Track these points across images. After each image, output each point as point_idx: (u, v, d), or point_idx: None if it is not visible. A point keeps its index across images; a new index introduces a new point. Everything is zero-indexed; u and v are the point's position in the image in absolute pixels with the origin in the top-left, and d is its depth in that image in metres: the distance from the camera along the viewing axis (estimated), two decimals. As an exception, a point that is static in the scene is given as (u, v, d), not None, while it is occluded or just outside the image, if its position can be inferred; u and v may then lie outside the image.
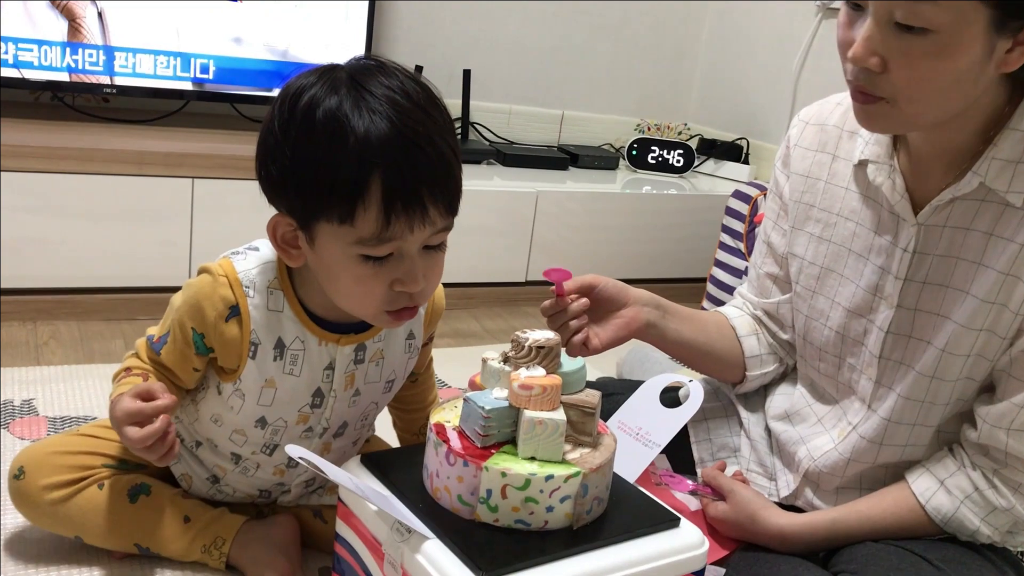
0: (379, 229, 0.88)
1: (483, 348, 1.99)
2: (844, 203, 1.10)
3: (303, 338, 1.01)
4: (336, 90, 0.89)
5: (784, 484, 1.18)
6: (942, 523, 1.01)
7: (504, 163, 2.53)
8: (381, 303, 0.94)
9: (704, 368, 1.24)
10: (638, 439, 1.06)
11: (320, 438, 1.10)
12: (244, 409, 1.04)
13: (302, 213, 0.92)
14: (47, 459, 1.08)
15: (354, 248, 0.90)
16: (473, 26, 2.64)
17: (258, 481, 1.14)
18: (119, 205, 1.86)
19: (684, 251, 2.52)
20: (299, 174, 0.90)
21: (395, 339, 1.08)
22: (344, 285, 0.94)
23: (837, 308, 1.11)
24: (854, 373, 1.10)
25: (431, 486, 0.88)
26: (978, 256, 0.97)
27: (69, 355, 1.72)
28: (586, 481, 0.84)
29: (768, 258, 1.23)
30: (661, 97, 3.00)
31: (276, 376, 1.02)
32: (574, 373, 0.90)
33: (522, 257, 2.34)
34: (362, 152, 0.86)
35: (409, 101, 0.89)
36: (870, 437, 1.07)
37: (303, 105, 0.89)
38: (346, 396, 1.06)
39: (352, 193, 0.87)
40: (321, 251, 0.93)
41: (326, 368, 1.04)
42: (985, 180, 0.96)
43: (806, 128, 1.17)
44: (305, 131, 0.88)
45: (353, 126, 0.87)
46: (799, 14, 2.58)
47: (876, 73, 0.90)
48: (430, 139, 0.89)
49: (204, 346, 1.00)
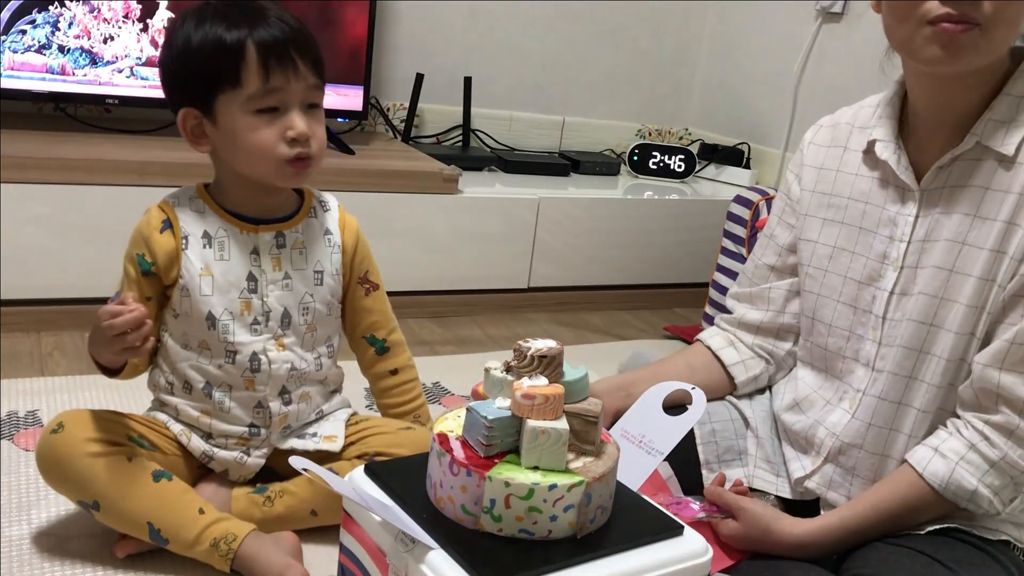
0: (262, 82, 1.10)
1: (486, 355, 2.00)
2: (854, 187, 1.18)
3: (226, 229, 1.19)
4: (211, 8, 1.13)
5: (798, 468, 1.20)
6: (941, 488, 1.02)
7: (505, 170, 2.54)
8: (280, 154, 1.12)
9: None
10: (641, 447, 1.06)
11: (267, 327, 1.20)
12: (192, 307, 1.17)
13: (201, 93, 1.12)
14: (88, 417, 1.15)
15: (247, 105, 1.11)
16: (474, 33, 2.65)
17: (239, 411, 1.21)
18: (122, 215, 1.85)
19: (686, 256, 2.53)
20: (193, 60, 1.11)
21: (312, 233, 1.24)
22: (246, 144, 1.12)
23: (849, 282, 1.16)
24: (861, 342, 1.15)
25: (435, 496, 0.88)
26: (977, 209, 1.04)
27: (73, 366, 1.72)
28: (589, 490, 0.84)
29: (768, 249, 1.30)
30: (662, 102, 3.00)
31: (210, 263, 1.17)
32: (577, 382, 0.90)
33: (524, 264, 2.34)
34: (235, 27, 1.10)
35: (275, 7, 1.14)
36: (880, 394, 1.11)
37: (185, 24, 1.12)
38: (277, 278, 1.20)
39: (234, 59, 1.09)
40: (223, 124, 1.13)
41: (251, 253, 1.19)
42: (981, 139, 1.04)
43: (820, 129, 1.26)
44: (187, 33, 1.11)
45: (233, 16, 1.11)
46: (799, 18, 2.58)
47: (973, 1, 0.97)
48: (287, 15, 1.14)
49: (146, 262, 1.16)
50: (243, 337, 1.18)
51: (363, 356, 1.34)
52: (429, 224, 2.18)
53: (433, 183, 2.17)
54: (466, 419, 0.88)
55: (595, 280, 2.46)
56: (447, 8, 2.59)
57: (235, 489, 1.23)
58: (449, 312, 2.27)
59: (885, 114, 1.14)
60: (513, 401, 0.86)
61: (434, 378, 1.84)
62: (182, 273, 1.16)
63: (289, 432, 1.25)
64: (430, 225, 2.18)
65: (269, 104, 1.11)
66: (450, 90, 2.61)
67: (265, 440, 1.23)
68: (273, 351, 1.20)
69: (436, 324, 2.20)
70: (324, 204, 1.27)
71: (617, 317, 2.44)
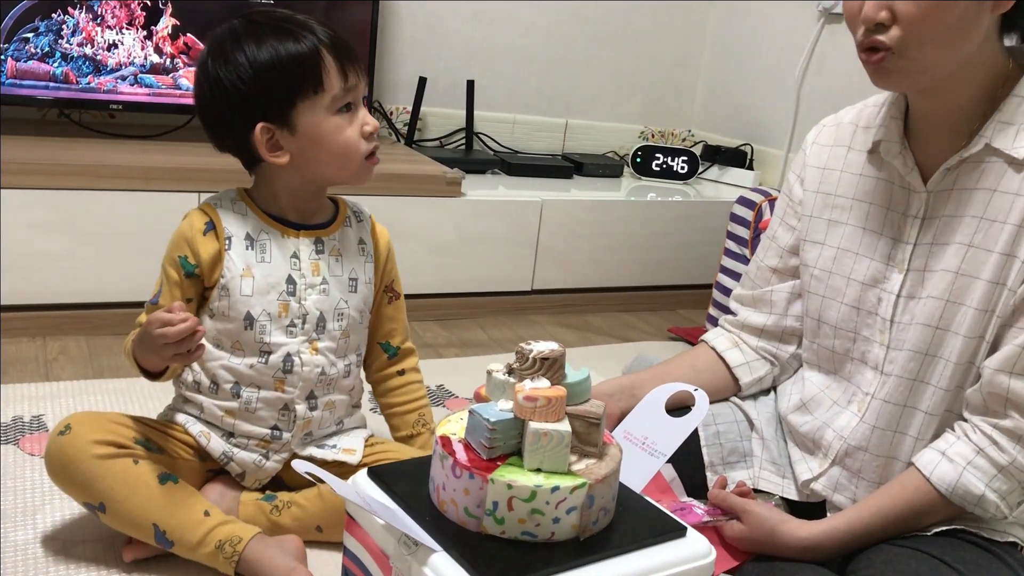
0: (343, 82, 1.15)
1: (490, 358, 2.00)
2: (859, 187, 1.17)
3: (267, 232, 1.21)
4: (254, 27, 1.15)
5: (805, 470, 1.19)
6: (948, 492, 1.02)
7: (509, 172, 2.54)
8: (361, 149, 1.18)
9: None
10: (644, 448, 1.06)
11: (303, 330, 1.21)
12: (232, 307, 1.18)
13: (279, 105, 1.14)
14: (95, 419, 1.16)
15: (330, 107, 1.15)
16: (476, 36, 2.66)
17: (264, 412, 1.21)
18: (126, 220, 1.88)
19: (689, 258, 2.53)
20: (266, 80, 1.13)
21: (348, 241, 1.27)
22: (335, 145, 1.17)
23: (853, 284, 1.16)
24: (867, 344, 1.15)
25: (437, 499, 0.88)
26: (984, 212, 1.04)
27: (78, 371, 1.73)
28: (592, 492, 0.84)
29: (770, 251, 1.29)
30: (665, 104, 3.00)
31: (251, 264, 1.19)
32: (579, 384, 0.90)
33: (528, 266, 2.34)
34: (301, 38, 1.13)
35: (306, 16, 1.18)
36: (889, 398, 1.11)
37: (236, 35, 1.14)
38: (315, 282, 1.22)
39: (315, 66, 1.13)
40: (303, 131, 1.15)
41: (292, 256, 1.21)
42: (991, 141, 1.03)
43: (823, 129, 1.26)
44: (252, 53, 1.13)
45: (281, 29, 1.14)
46: (801, 20, 2.58)
47: (885, 26, 0.99)
48: (326, 25, 1.18)
49: (190, 264, 1.18)
50: (279, 338, 1.20)
51: (374, 360, 1.36)
52: (432, 227, 2.18)
53: (436, 186, 2.17)
54: (468, 421, 0.88)
55: (599, 282, 2.46)
56: (449, 11, 2.60)
57: (244, 494, 1.23)
58: (453, 315, 2.27)
59: (890, 114, 1.14)
60: (515, 403, 0.86)
61: (438, 381, 1.85)
62: (223, 273, 1.18)
63: (310, 439, 1.26)
64: (433, 228, 2.18)
65: (348, 101, 1.17)
66: (453, 93, 2.61)
67: (286, 444, 1.23)
68: (306, 354, 1.21)
69: (440, 327, 2.20)
70: (359, 214, 1.30)
71: (621, 319, 2.44)
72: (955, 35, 0.99)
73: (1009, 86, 1.04)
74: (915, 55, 1.00)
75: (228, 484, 1.24)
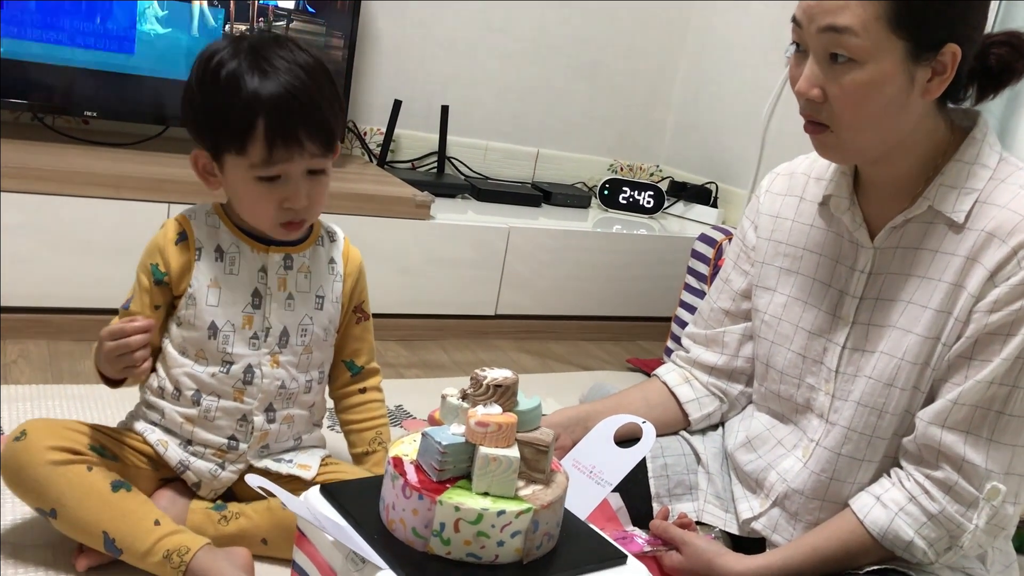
0: (264, 157, 1.14)
1: (450, 380, 2.02)
2: (810, 238, 1.20)
3: (238, 245, 1.24)
4: (238, 55, 1.15)
5: (747, 508, 1.22)
6: (879, 536, 1.06)
7: (478, 198, 2.58)
8: (274, 216, 1.19)
9: None
10: (591, 477, 1.09)
11: (265, 343, 1.24)
12: (197, 316, 1.21)
13: (212, 147, 1.18)
14: (50, 426, 1.18)
15: (249, 172, 1.15)
16: (452, 63, 2.70)
17: (223, 422, 1.23)
18: (94, 227, 1.88)
19: (652, 290, 2.57)
20: (208, 117, 1.17)
21: (318, 258, 1.30)
22: (246, 202, 1.20)
23: (800, 332, 1.19)
24: (812, 392, 1.18)
25: (387, 518, 0.90)
26: (926, 271, 1.08)
27: (37, 375, 1.72)
28: (537, 517, 0.87)
29: (724, 294, 1.32)
30: (634, 139, 3.06)
31: (219, 276, 1.22)
32: (529, 412, 0.93)
33: (492, 291, 2.37)
34: (251, 102, 1.12)
35: (295, 65, 1.15)
36: (833, 448, 1.14)
37: (213, 65, 1.15)
38: (281, 297, 1.25)
39: (243, 132, 1.13)
40: (228, 176, 1.19)
41: (259, 270, 1.24)
42: (933, 203, 1.08)
43: (777, 177, 1.29)
44: (212, 85, 1.15)
45: (247, 82, 1.13)
46: (770, 64, 2.66)
47: (819, 104, 1.03)
48: (308, 94, 1.14)
49: (160, 272, 1.21)
50: (241, 349, 1.23)
51: (337, 377, 1.38)
52: (400, 248, 2.21)
53: (406, 208, 2.20)
54: (421, 444, 0.91)
55: (561, 310, 2.50)
56: (427, 37, 2.64)
57: (194, 501, 1.24)
58: (416, 336, 2.29)
59: (840, 169, 1.17)
60: (467, 428, 0.89)
61: (397, 401, 1.86)
62: (191, 283, 1.21)
63: (266, 452, 1.28)
64: (401, 249, 2.21)
65: (271, 174, 1.15)
66: (427, 117, 2.65)
67: (242, 455, 1.25)
68: (267, 366, 1.24)
69: (403, 347, 2.22)
70: (332, 235, 1.33)
71: (581, 347, 2.47)
72: (886, 120, 1.03)
73: (951, 151, 1.08)
74: (847, 136, 1.05)
75: (179, 491, 1.25)
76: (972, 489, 1.03)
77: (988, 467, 1.02)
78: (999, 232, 1.03)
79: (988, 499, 1.03)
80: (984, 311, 1.02)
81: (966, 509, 1.03)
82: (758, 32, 2.74)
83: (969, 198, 1.06)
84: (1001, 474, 1.03)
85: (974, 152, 1.07)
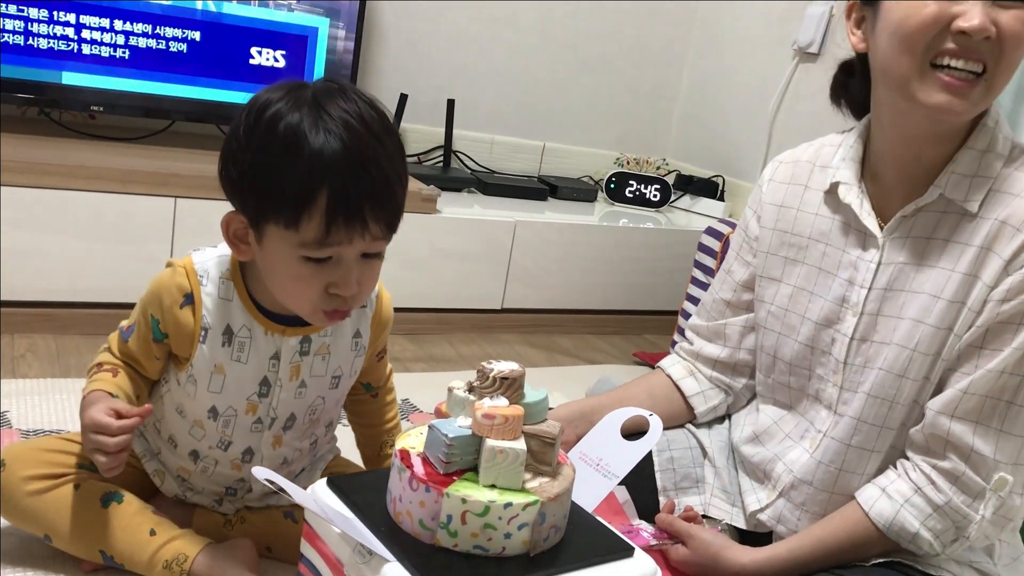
0: (320, 236, 0.96)
1: (457, 374, 2.02)
2: (815, 227, 1.19)
3: (250, 327, 1.09)
4: (299, 107, 0.97)
5: (754, 501, 1.22)
6: (885, 528, 1.06)
7: (484, 192, 2.58)
8: (316, 302, 1.02)
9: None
10: (598, 470, 1.08)
11: (270, 429, 1.15)
12: (197, 396, 1.10)
13: (254, 214, 1.00)
14: (28, 453, 1.13)
15: (297, 250, 0.98)
16: (458, 56, 2.69)
17: (220, 478, 1.18)
18: (101, 222, 1.88)
19: (658, 284, 2.57)
20: (255, 178, 0.98)
21: (341, 335, 1.15)
22: (285, 282, 1.02)
23: (807, 323, 1.18)
24: (821, 383, 1.17)
25: (394, 510, 0.90)
26: (938, 261, 1.07)
27: (45, 369, 1.73)
28: (544, 509, 0.87)
29: (725, 285, 1.31)
30: (641, 132, 3.06)
31: (224, 362, 1.09)
32: (536, 404, 0.93)
33: (499, 285, 2.37)
34: (313, 166, 0.95)
35: (363, 125, 0.98)
36: (842, 439, 1.13)
37: (268, 117, 0.97)
38: (292, 387, 1.13)
39: (300, 202, 0.95)
40: (267, 249, 1.01)
41: (271, 358, 1.10)
42: (945, 192, 1.06)
43: (780, 166, 1.27)
44: (266, 140, 0.97)
45: (309, 142, 0.95)
46: (777, 57, 2.65)
47: (985, 44, 0.97)
48: (377, 162, 0.97)
49: (160, 331, 1.08)
50: (241, 434, 1.14)
51: (352, 394, 1.28)
52: (406, 242, 2.20)
53: (412, 202, 2.20)
54: (428, 436, 0.91)
55: (568, 304, 2.50)
56: (432, 31, 2.63)
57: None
58: (422, 330, 2.29)
59: (848, 156, 1.15)
60: (474, 421, 0.89)
61: (404, 395, 1.86)
62: (193, 363, 1.09)
63: (268, 495, 1.22)
64: (407, 243, 2.21)
65: (321, 256, 0.98)
66: (433, 111, 2.65)
67: (242, 499, 1.22)
68: (268, 448, 1.16)
69: (409, 341, 2.22)
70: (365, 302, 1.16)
71: (587, 341, 2.47)
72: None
73: (964, 139, 1.07)
74: (1000, 82, 1.00)
75: None
76: (979, 480, 1.03)
77: (996, 457, 1.02)
78: (1013, 220, 1.02)
79: (995, 490, 1.02)
80: (997, 300, 1.02)
81: (972, 500, 1.03)
82: (765, 25, 2.73)
83: (983, 186, 1.05)
84: (1009, 465, 1.03)
85: (987, 140, 1.06)
